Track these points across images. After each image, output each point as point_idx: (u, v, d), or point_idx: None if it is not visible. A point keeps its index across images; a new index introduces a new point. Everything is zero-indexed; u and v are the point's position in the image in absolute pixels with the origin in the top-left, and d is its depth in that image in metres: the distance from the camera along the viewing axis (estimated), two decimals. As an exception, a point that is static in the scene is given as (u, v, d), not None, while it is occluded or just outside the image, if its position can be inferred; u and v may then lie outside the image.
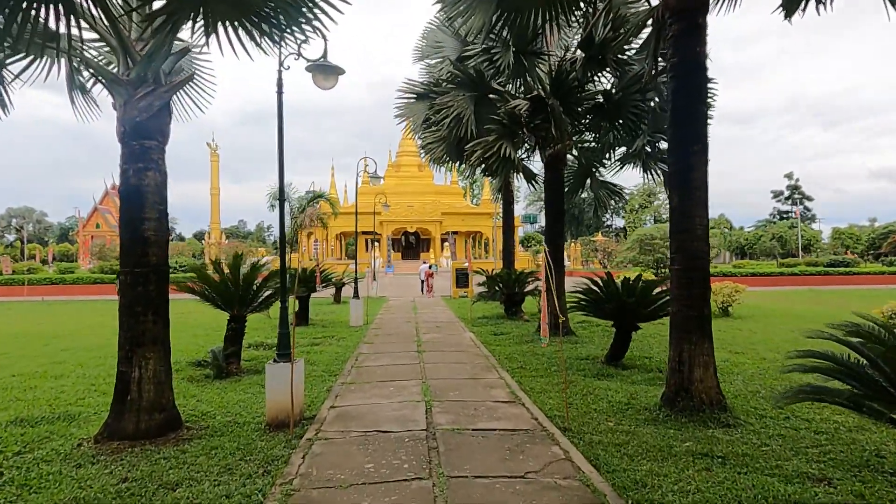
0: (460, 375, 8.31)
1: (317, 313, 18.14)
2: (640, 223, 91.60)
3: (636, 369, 8.91)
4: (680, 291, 6.33)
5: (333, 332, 13.41)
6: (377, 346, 11.30)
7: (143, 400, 5.61)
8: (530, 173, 14.47)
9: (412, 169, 57.98)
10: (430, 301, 22.90)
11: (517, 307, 16.04)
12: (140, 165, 5.68)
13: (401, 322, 15.53)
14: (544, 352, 10.49)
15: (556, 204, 12.58)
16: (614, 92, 10.10)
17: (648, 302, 8.85)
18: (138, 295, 5.65)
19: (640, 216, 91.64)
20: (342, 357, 10.03)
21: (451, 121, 10.47)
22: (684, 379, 6.24)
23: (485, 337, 12.44)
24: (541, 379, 8.22)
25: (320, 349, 11.00)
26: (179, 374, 8.88)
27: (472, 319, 15.43)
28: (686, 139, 6.31)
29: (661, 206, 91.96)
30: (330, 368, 9.02)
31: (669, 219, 6.48)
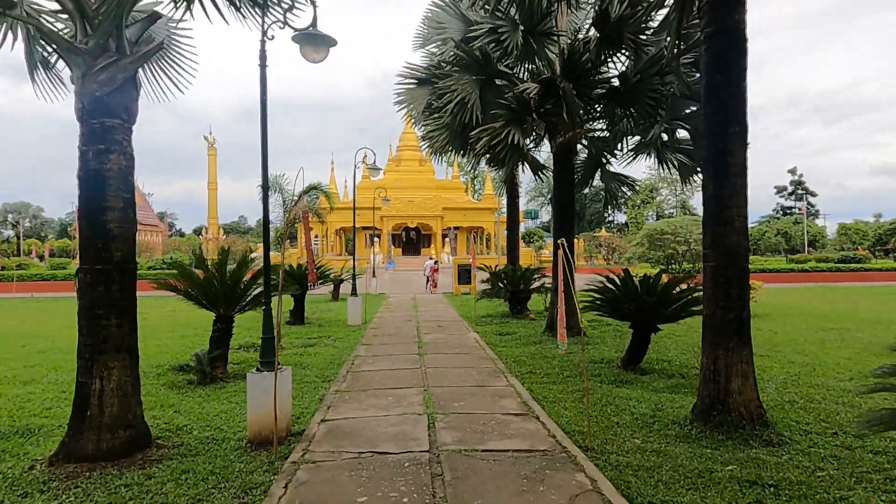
0: (466, 382, 7.60)
1: (314, 311, 17.44)
2: (643, 219, 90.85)
3: (656, 374, 8.20)
4: (715, 291, 5.61)
5: (330, 332, 12.70)
6: (375, 347, 10.59)
7: (106, 416, 4.90)
8: (538, 164, 13.72)
9: (413, 163, 57.22)
10: (431, 298, 22.19)
11: (523, 305, 15.33)
12: (101, 147, 4.96)
13: (401, 321, 14.82)
14: (555, 354, 9.78)
15: (566, 196, 11.85)
16: (632, 74, 9.35)
17: (670, 301, 8.13)
18: (99, 296, 4.93)
19: (643, 211, 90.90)
20: (337, 360, 9.32)
21: (455, 106, 9.71)
22: (720, 390, 5.52)
23: (490, 337, 11.72)
24: (553, 386, 7.50)
25: (314, 351, 10.29)
26: (160, 379, 8.20)
27: (476, 318, 14.72)
28: (723, 120, 5.58)
29: (663, 202, 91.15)
30: (323, 373, 8.31)
31: (704, 209, 5.75)
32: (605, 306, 8.65)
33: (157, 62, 6.98)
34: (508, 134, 9.17)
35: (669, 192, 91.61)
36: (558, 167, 11.78)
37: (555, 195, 11.89)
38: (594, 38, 9.49)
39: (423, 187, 54.23)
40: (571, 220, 11.86)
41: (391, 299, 21.78)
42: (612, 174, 13.29)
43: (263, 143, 5.64)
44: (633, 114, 10.12)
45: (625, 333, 12.16)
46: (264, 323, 5.78)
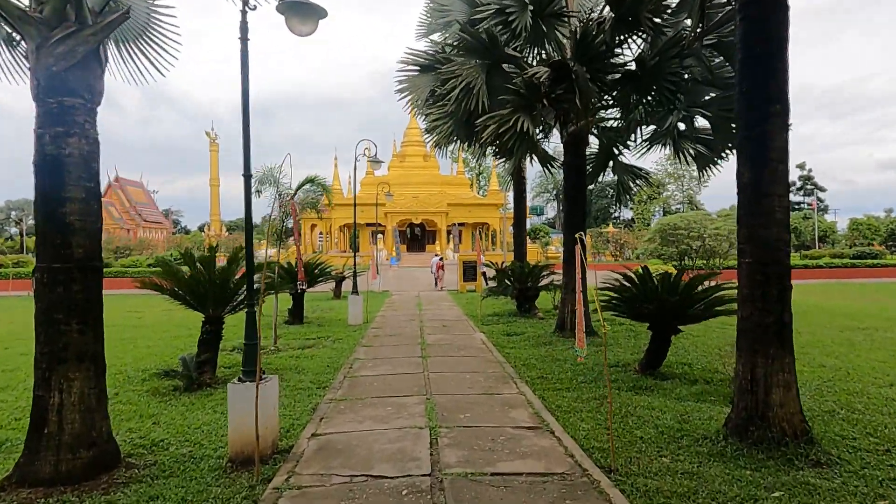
0: (472, 389, 7.00)
1: (314, 310, 16.88)
2: (650, 215, 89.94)
3: (677, 380, 7.58)
4: (752, 291, 4.99)
5: (329, 332, 12.13)
6: (376, 349, 10.01)
7: (65, 433, 4.34)
8: (546, 156, 13.07)
9: (417, 159, 56.55)
10: (435, 296, 21.60)
11: (531, 304, 14.71)
12: (59, 130, 4.38)
13: (404, 320, 14.23)
14: (566, 357, 9.17)
15: (577, 189, 11.22)
16: (650, 57, 8.70)
17: (693, 301, 7.50)
18: (58, 298, 4.36)
19: (649, 207, 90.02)
20: (335, 364, 8.74)
21: (460, 92, 9.09)
22: (758, 402, 4.91)
23: (497, 338, 11.12)
24: (567, 394, 6.89)
25: (311, 353, 9.72)
26: (144, 385, 7.65)
27: (482, 317, 14.12)
28: (762, 98, 4.95)
29: (670, 197, 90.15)
30: (319, 379, 7.74)
31: (739, 199, 5.13)
32: (621, 306, 8.04)
33: (135, 42, 6.40)
34: (517, 121, 8.55)
35: (676, 187, 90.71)
36: (569, 158, 11.15)
37: (565, 187, 11.26)
38: (608, 19, 8.85)
39: (427, 183, 53.58)
40: (583, 214, 11.23)
41: (394, 297, 21.20)
42: (624, 166, 12.65)
43: (245, 125, 5.05)
44: (650, 100, 9.47)
45: (639, 334, 11.56)
46: (247, 326, 5.20)
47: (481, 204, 53.86)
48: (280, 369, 8.45)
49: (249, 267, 5.23)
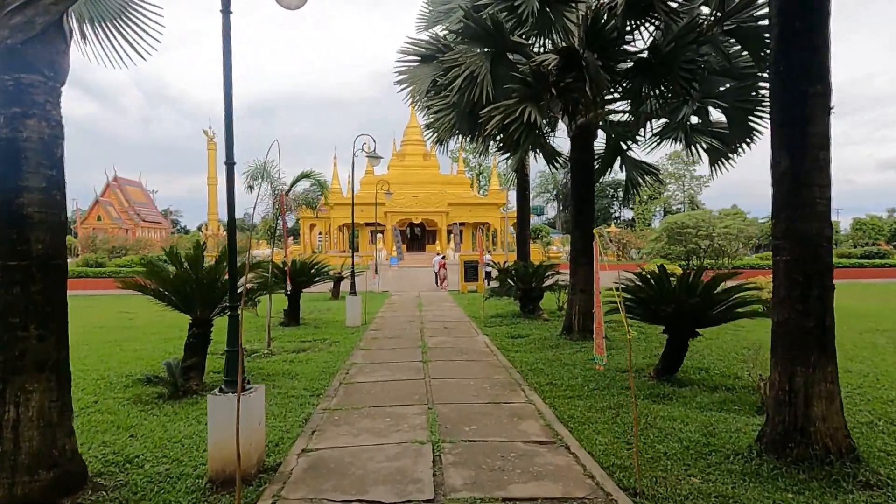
0: (477, 397, 6.51)
1: (311, 311, 16.39)
2: (650, 215, 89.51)
3: (696, 387, 7.09)
4: (790, 292, 4.49)
5: (326, 335, 11.63)
6: (374, 353, 9.51)
7: (22, 452, 3.85)
8: (552, 151, 12.60)
9: (417, 158, 56.06)
10: (437, 296, 21.11)
11: (535, 304, 14.22)
12: (16, 111, 3.90)
13: (404, 322, 13.74)
14: (575, 362, 8.68)
15: (585, 185, 10.74)
16: (664, 43, 8.20)
17: (714, 302, 7.01)
18: (15, 300, 3.88)
19: (650, 207, 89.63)
20: (330, 369, 8.25)
21: (463, 81, 8.59)
22: (797, 415, 4.42)
23: (501, 341, 10.63)
24: (580, 402, 6.40)
25: (306, 357, 9.22)
26: (126, 392, 7.16)
27: (485, 318, 13.62)
28: (801, 77, 4.46)
29: (671, 197, 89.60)
30: (313, 385, 7.24)
31: (774, 191, 4.64)
32: (636, 308, 7.54)
33: (114, 22, 5.91)
34: (524, 111, 8.05)
35: (677, 187, 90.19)
36: (576, 152, 10.66)
37: (572, 184, 10.78)
38: (621, 4, 8.35)
39: (427, 182, 53.08)
40: (591, 211, 10.75)
41: (394, 297, 20.71)
42: (633, 162, 12.17)
43: (227, 104, 4.55)
44: (664, 90, 8.97)
45: (650, 336, 11.07)
46: (229, 331, 4.70)
47: (482, 203, 53.39)
48: (272, 375, 7.95)
49: (232, 265, 4.74)
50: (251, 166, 9.40)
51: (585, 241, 10.66)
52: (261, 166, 9.39)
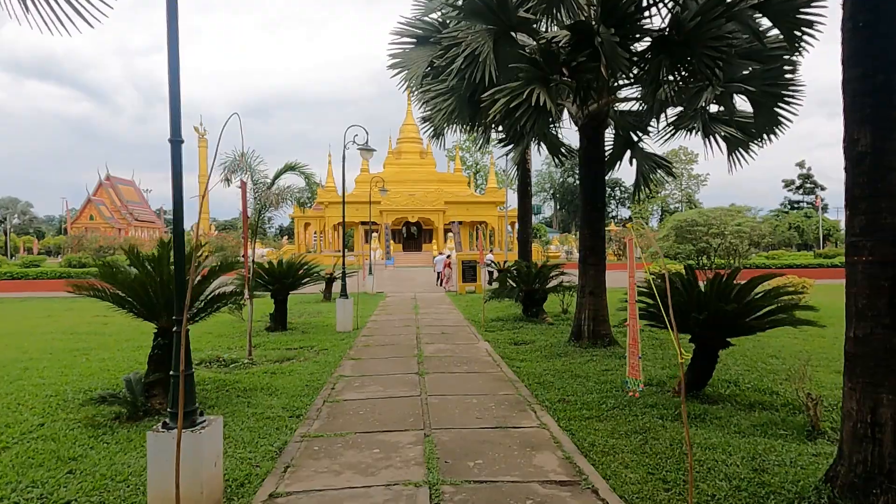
0: (481, 420, 5.63)
1: (300, 314, 15.49)
2: (648, 213, 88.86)
3: (728, 405, 6.24)
4: (872, 300, 3.63)
5: (314, 341, 10.74)
6: (365, 363, 8.62)
7: None
8: (556, 143, 11.73)
9: (414, 156, 55.21)
10: (434, 298, 20.22)
11: (538, 307, 13.35)
12: None
13: (398, 326, 12.85)
14: (588, 373, 7.82)
15: (595, 179, 9.88)
16: (688, 18, 7.33)
17: (751, 308, 6.15)
18: None
19: (647, 206, 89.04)
20: (315, 382, 7.36)
21: (464, 62, 7.70)
22: (884, 455, 3.56)
23: (504, 348, 9.76)
24: (599, 425, 5.53)
25: (290, 367, 8.33)
26: (80, 412, 6.26)
27: (485, 322, 12.75)
28: (885, 40, 3.59)
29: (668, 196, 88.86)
30: (293, 404, 6.35)
31: (850, 175, 3.78)
32: (660, 315, 6.67)
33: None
34: (531, 94, 7.18)
35: (675, 185, 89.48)
36: (586, 143, 9.80)
37: (582, 177, 9.92)
38: (639, -26, 7.49)
39: (424, 180, 52.23)
40: (602, 207, 9.91)
41: (389, 299, 19.82)
42: (645, 154, 11.30)
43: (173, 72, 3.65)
44: (685, 72, 8.11)
45: (665, 342, 10.22)
46: (174, 351, 3.79)
47: (479, 202, 52.57)
48: (249, 390, 7.06)
49: (179, 269, 3.84)
50: (228, 157, 8.52)
51: (596, 240, 9.80)
52: (240, 157, 8.48)
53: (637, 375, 3.95)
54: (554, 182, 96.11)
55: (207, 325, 12.70)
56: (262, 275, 12.25)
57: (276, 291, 12.07)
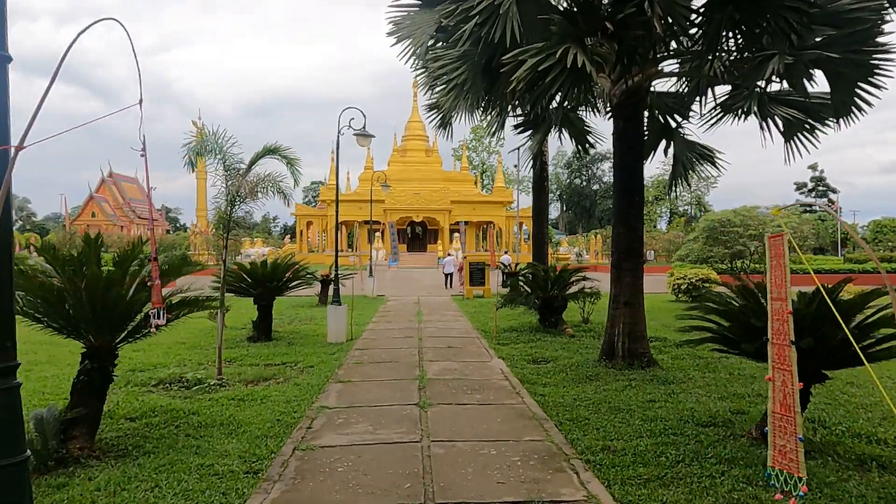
0: (505, 488, 4.09)
1: (291, 320, 14.01)
2: (656, 216, 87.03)
3: (828, 458, 4.69)
4: None
5: (300, 355, 9.25)
6: (355, 388, 7.10)
7: None
8: (581, 128, 10.20)
9: (419, 154, 53.80)
10: (439, 302, 18.69)
11: (557, 317, 11.81)
12: None
13: (399, 336, 11.33)
14: (629, 403, 6.32)
15: (633, 167, 8.35)
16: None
17: (865, 333, 4.60)
18: None
19: (655, 208, 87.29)
20: (289, 416, 5.85)
21: (480, 16, 6.17)
22: None
23: (522, 368, 8.23)
24: (667, 493, 3.99)
25: (263, 393, 6.82)
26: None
27: (497, 333, 11.21)
28: None
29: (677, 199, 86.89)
30: (253, 451, 4.83)
31: None
32: (733, 339, 5.14)
33: None
34: (566, 53, 5.64)
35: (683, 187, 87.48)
36: (622, 125, 8.26)
37: (617, 166, 8.40)
38: None
39: (429, 179, 50.78)
40: (641, 201, 8.39)
41: (390, 303, 18.31)
42: (686, 143, 9.75)
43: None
44: (750, 36, 6.57)
45: (711, 363, 8.64)
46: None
47: (487, 201, 51.09)
48: (205, 426, 5.57)
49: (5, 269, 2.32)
50: (195, 138, 7.02)
51: (632, 240, 8.26)
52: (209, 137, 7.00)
53: (793, 469, 2.42)
54: (560, 183, 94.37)
55: (181, 333, 11.23)
56: (245, 277, 10.78)
57: (259, 296, 10.57)
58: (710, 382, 7.43)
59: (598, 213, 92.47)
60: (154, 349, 9.76)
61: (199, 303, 5.67)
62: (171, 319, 5.44)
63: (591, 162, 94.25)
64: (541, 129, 10.09)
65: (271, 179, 8.17)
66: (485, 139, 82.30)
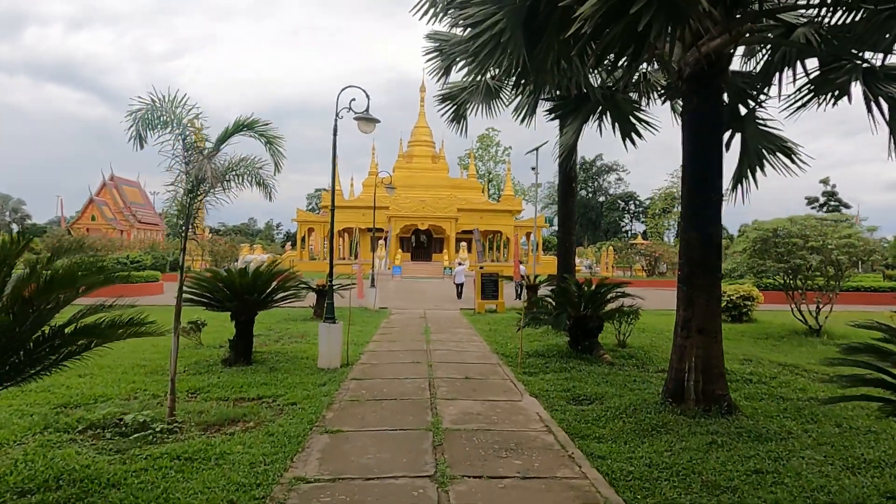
0: None
1: (279, 336, 12.17)
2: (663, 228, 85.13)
3: None
4: None
5: (281, 386, 7.42)
6: (346, 445, 5.25)
7: None
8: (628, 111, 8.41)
9: (425, 160, 52.13)
10: (447, 317, 16.82)
11: (592, 339, 9.94)
12: None
13: (404, 362, 9.48)
14: (731, 475, 4.49)
15: (708, 155, 6.56)
16: None
17: None
18: None
19: (662, 221, 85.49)
20: (247, 497, 4.01)
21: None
22: None
23: (564, 412, 6.38)
24: None
25: (221, 449, 4.99)
26: None
27: (522, 359, 9.36)
28: None
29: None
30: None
31: None
32: None
33: None
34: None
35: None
36: (695, 101, 6.49)
37: (689, 154, 6.59)
38: None
39: (436, 186, 49.04)
40: (718, 202, 6.56)
41: (394, 317, 16.45)
42: (761, 132, 7.94)
43: None
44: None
45: (802, 407, 6.82)
46: None
47: (495, 210, 49.29)
48: None
49: None
50: (144, 104, 5.32)
51: (709, 249, 6.44)
52: (162, 103, 5.30)
53: None
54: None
55: (144, 353, 9.45)
56: (221, 287, 8.98)
57: (236, 311, 8.76)
58: (819, 440, 5.57)
59: (605, 226, 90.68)
60: (103, 374, 7.96)
61: (114, 330, 3.86)
62: (64, 357, 3.64)
63: (598, 174, 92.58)
64: (581, 112, 8.31)
65: (247, 165, 6.39)
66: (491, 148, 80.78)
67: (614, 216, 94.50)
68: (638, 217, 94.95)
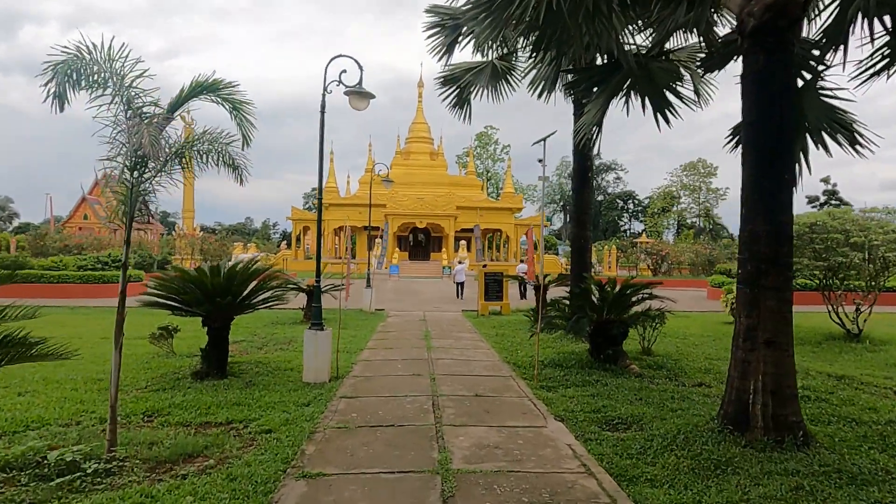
0: None
1: (263, 343, 10.92)
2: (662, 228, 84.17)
3: None
4: None
5: (255, 409, 6.20)
6: (328, 494, 4.04)
7: None
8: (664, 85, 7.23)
9: (423, 157, 50.89)
10: (449, 319, 15.61)
11: (616, 347, 8.75)
12: None
13: (402, 374, 8.27)
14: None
15: (779, 125, 5.36)
16: None
17: None
18: None
19: (661, 220, 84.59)
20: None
21: None
22: None
23: (599, 443, 5.18)
24: None
25: (173, 496, 3.77)
26: None
27: (538, 370, 8.16)
28: None
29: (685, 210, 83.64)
30: None
31: None
32: None
33: None
34: None
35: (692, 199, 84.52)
36: (762, 61, 5.30)
37: (754, 124, 5.40)
38: None
39: (434, 183, 47.81)
40: (790, 184, 5.37)
41: (391, 320, 15.23)
42: (823, 105, 6.77)
43: None
44: None
45: (887, 434, 5.67)
46: None
47: (495, 208, 48.06)
48: None
49: None
50: (68, 54, 4.20)
51: (780, 241, 5.25)
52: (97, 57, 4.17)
53: None
54: (564, 193, 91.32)
55: (102, 364, 8.24)
56: (193, 288, 7.75)
57: (208, 315, 7.54)
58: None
59: (603, 225, 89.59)
60: (48, 390, 6.77)
61: None
62: None
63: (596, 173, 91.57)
64: (609, 85, 7.11)
65: (211, 139, 5.18)
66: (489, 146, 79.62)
67: (613, 215, 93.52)
68: (637, 216, 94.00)
